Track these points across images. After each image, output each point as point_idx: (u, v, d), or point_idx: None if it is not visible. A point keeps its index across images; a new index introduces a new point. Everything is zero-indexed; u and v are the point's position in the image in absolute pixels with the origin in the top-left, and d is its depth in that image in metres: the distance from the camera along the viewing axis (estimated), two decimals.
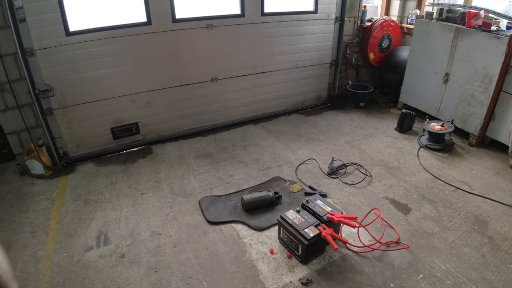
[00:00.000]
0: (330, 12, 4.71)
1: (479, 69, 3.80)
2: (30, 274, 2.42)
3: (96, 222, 2.91)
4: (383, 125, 4.64)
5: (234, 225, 2.85)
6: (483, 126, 3.92)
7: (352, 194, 3.24)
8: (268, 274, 2.40)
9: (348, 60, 5.17)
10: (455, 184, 3.35)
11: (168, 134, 4.26)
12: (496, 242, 2.66)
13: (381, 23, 5.00)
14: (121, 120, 3.91)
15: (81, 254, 2.58)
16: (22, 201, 3.18)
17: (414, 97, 4.74)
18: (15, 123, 3.40)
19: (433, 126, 3.98)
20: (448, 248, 2.61)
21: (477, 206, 3.06)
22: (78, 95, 3.58)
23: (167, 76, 3.94)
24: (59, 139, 3.66)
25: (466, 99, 4.01)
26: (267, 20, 4.29)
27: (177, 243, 2.69)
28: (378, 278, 2.36)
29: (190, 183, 3.41)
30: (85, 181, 3.47)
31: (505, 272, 2.40)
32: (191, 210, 3.04)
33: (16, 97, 3.28)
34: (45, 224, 2.90)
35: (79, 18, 3.35)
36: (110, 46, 3.55)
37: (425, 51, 4.41)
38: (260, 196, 3.01)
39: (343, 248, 2.60)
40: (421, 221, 2.90)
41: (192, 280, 2.37)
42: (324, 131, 4.46)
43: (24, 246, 2.66)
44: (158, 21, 3.66)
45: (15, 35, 3.05)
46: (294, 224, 2.47)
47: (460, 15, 4.01)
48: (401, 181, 3.42)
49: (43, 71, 3.33)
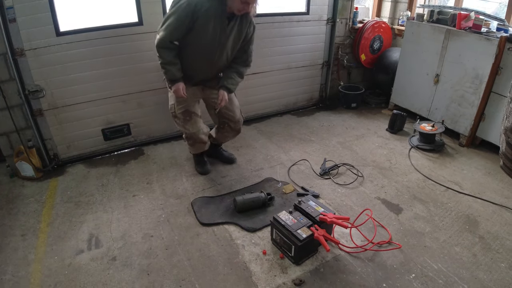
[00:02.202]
0: (322, 13, 4.72)
1: (470, 70, 3.84)
2: (21, 278, 2.38)
3: (87, 225, 2.88)
4: (374, 125, 4.66)
5: (226, 227, 2.85)
6: (474, 126, 3.96)
7: (344, 195, 3.25)
8: (261, 275, 2.40)
9: (340, 61, 5.19)
10: (446, 184, 3.38)
11: (159, 135, 4.24)
12: (487, 241, 2.69)
13: (372, 25, 5.03)
14: (112, 121, 3.88)
15: (72, 257, 2.55)
16: (12, 203, 3.14)
17: (405, 98, 4.78)
18: (4, 124, 3.35)
19: (424, 127, 4.01)
20: (439, 248, 2.63)
21: (468, 206, 3.09)
22: (69, 96, 3.54)
23: (158, 77, 3.90)
24: (49, 141, 3.62)
25: (457, 100, 4.05)
26: (259, 21, 4.23)
27: (169, 245, 2.67)
28: (370, 278, 2.37)
29: (182, 185, 3.39)
30: (75, 183, 3.44)
31: (497, 271, 2.42)
32: (183, 212, 3.03)
33: (6, 98, 3.23)
34: (36, 227, 2.86)
35: (70, 19, 3.31)
36: (101, 46, 3.52)
37: (416, 52, 4.44)
38: (252, 197, 3.01)
39: (336, 249, 2.60)
40: (413, 221, 2.92)
41: (185, 282, 2.36)
42: (316, 132, 4.47)
43: (14, 249, 2.63)
44: (149, 21, 3.63)
45: (5, 35, 3.01)
46: (286, 225, 2.47)
47: (450, 17, 4.05)
48: (392, 182, 3.44)
49: (33, 71, 3.29)
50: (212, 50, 2.89)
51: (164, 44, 2.79)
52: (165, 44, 2.79)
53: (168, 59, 2.85)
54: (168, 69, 2.88)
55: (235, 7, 2.70)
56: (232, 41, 2.92)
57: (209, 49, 2.88)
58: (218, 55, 2.94)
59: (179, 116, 3.11)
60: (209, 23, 2.74)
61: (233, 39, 2.92)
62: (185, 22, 2.69)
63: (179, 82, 2.95)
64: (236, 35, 2.91)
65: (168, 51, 2.83)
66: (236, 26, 2.85)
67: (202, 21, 2.71)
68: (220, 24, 2.76)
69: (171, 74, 2.91)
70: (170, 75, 2.91)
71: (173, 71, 2.89)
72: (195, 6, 2.65)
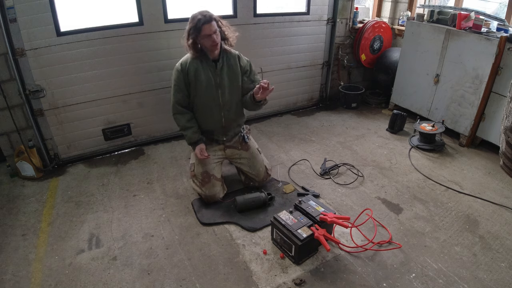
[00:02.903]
0: (322, 13, 4.72)
1: (470, 70, 3.84)
2: (22, 277, 2.39)
3: (88, 225, 2.88)
4: (374, 125, 4.67)
5: (227, 226, 2.85)
6: (474, 126, 3.96)
7: (344, 195, 3.26)
8: (262, 275, 2.40)
9: (340, 61, 5.19)
10: (446, 184, 3.39)
11: (160, 135, 4.24)
12: (487, 241, 2.69)
13: (372, 25, 5.03)
14: (112, 121, 3.89)
15: (72, 257, 2.56)
16: (13, 203, 3.14)
17: (405, 98, 4.78)
18: (5, 124, 3.35)
19: (424, 127, 4.01)
20: (439, 247, 2.63)
21: (468, 206, 3.09)
22: (69, 96, 3.54)
23: (159, 77, 3.92)
24: (49, 141, 3.62)
25: (457, 100, 4.05)
26: (259, 21, 4.29)
27: (170, 245, 2.67)
28: (371, 278, 2.38)
29: (182, 184, 3.40)
30: (76, 183, 3.44)
31: (497, 271, 2.42)
32: (183, 212, 3.03)
33: (6, 98, 3.23)
34: (36, 226, 2.87)
35: (70, 18, 3.32)
36: (102, 46, 3.52)
37: (416, 52, 4.44)
38: (253, 197, 3.01)
39: (336, 249, 2.61)
40: (413, 220, 2.92)
41: (186, 282, 2.36)
42: (317, 132, 4.48)
43: (15, 249, 2.63)
44: (150, 21, 3.64)
45: (5, 35, 3.02)
46: (287, 225, 2.48)
47: (450, 17, 4.05)
48: (392, 181, 3.45)
49: (34, 71, 3.29)
50: (213, 94, 2.98)
51: (175, 110, 3.03)
52: (176, 109, 3.03)
53: (182, 124, 3.03)
54: (185, 134, 3.06)
55: (208, 48, 2.84)
56: (228, 80, 3.00)
57: (210, 94, 2.98)
58: (222, 97, 3.01)
59: (198, 176, 3.05)
60: (200, 73, 2.91)
61: (229, 78, 3.00)
62: (181, 84, 2.94)
63: (198, 144, 3.03)
64: (230, 74, 3.00)
65: (180, 116, 3.03)
66: (225, 65, 2.97)
67: (193, 75, 2.91)
68: (210, 69, 2.92)
69: (188, 138, 3.05)
70: (188, 139, 3.06)
71: (189, 135, 3.03)
72: (181, 66, 2.92)
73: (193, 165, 3.11)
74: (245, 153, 3.21)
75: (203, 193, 3.05)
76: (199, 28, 2.73)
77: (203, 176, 3.03)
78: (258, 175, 3.23)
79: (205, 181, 3.03)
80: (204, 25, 2.73)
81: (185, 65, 2.91)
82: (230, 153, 3.22)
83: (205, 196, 3.05)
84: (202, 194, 3.06)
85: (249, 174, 3.23)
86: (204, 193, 3.04)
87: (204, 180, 3.03)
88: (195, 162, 3.10)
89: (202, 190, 3.04)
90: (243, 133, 3.27)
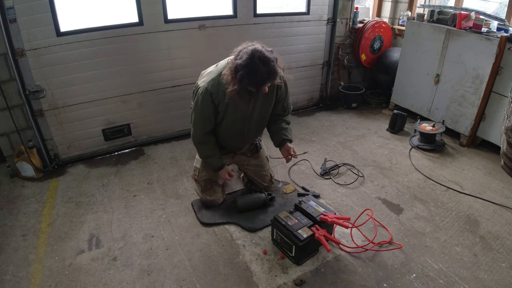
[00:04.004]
0: (322, 13, 4.72)
1: (470, 70, 3.84)
2: (21, 278, 2.39)
3: (88, 225, 2.88)
4: (375, 125, 4.66)
5: (227, 227, 2.84)
6: (474, 126, 3.96)
7: (344, 195, 3.25)
8: (262, 275, 2.40)
9: (340, 61, 5.18)
10: (447, 184, 3.38)
11: (160, 135, 4.24)
12: (488, 241, 2.69)
13: (372, 25, 5.02)
14: (112, 122, 3.89)
15: (72, 258, 2.55)
16: (13, 203, 3.14)
17: (405, 98, 4.78)
18: (5, 124, 3.35)
19: (424, 127, 4.01)
20: (440, 248, 2.63)
21: (469, 206, 3.09)
22: (69, 96, 3.54)
23: (159, 77, 3.92)
24: (49, 141, 3.62)
25: (457, 99, 4.05)
26: (259, 21, 4.29)
27: (170, 245, 2.67)
28: (371, 278, 2.37)
29: (182, 185, 3.39)
30: (76, 183, 3.44)
31: (497, 271, 2.42)
32: (184, 212, 3.03)
33: (6, 98, 3.23)
34: (36, 227, 2.86)
35: (70, 19, 3.32)
36: (102, 46, 3.52)
37: (416, 52, 4.44)
38: (253, 197, 3.01)
39: (336, 249, 2.60)
40: (413, 221, 2.91)
41: (186, 282, 2.35)
42: (317, 132, 4.47)
43: (15, 250, 2.63)
44: (150, 21, 3.63)
45: (5, 36, 3.01)
46: (287, 225, 2.47)
47: (451, 17, 4.05)
48: (393, 182, 3.44)
49: (34, 72, 3.29)
50: (241, 126, 2.76)
51: (198, 140, 2.75)
52: (199, 139, 2.74)
53: (205, 153, 2.83)
54: (208, 162, 2.88)
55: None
56: (259, 111, 2.74)
57: (237, 126, 2.75)
58: (248, 127, 2.80)
59: (200, 182, 3.01)
60: (231, 102, 2.53)
61: (260, 108, 2.73)
62: (208, 110, 2.58)
63: (222, 168, 2.88)
64: (264, 104, 2.73)
65: (204, 146, 2.79)
66: (260, 96, 2.60)
67: (224, 104, 2.55)
68: (242, 99, 2.49)
69: (211, 166, 2.89)
70: (212, 167, 2.90)
71: (213, 163, 2.86)
72: (211, 95, 2.50)
73: (197, 170, 3.02)
74: (253, 161, 3.15)
75: (203, 198, 3.04)
76: (258, 86, 2.35)
77: (206, 183, 3.01)
78: (263, 182, 3.22)
79: (207, 187, 3.02)
80: (267, 84, 2.38)
81: (216, 89, 2.49)
82: (238, 159, 3.14)
83: (205, 201, 3.05)
84: (203, 198, 3.05)
85: (254, 180, 3.22)
86: (205, 198, 3.03)
87: (207, 186, 3.02)
88: (200, 168, 2.99)
89: (203, 195, 3.03)
90: (257, 141, 3.15)
